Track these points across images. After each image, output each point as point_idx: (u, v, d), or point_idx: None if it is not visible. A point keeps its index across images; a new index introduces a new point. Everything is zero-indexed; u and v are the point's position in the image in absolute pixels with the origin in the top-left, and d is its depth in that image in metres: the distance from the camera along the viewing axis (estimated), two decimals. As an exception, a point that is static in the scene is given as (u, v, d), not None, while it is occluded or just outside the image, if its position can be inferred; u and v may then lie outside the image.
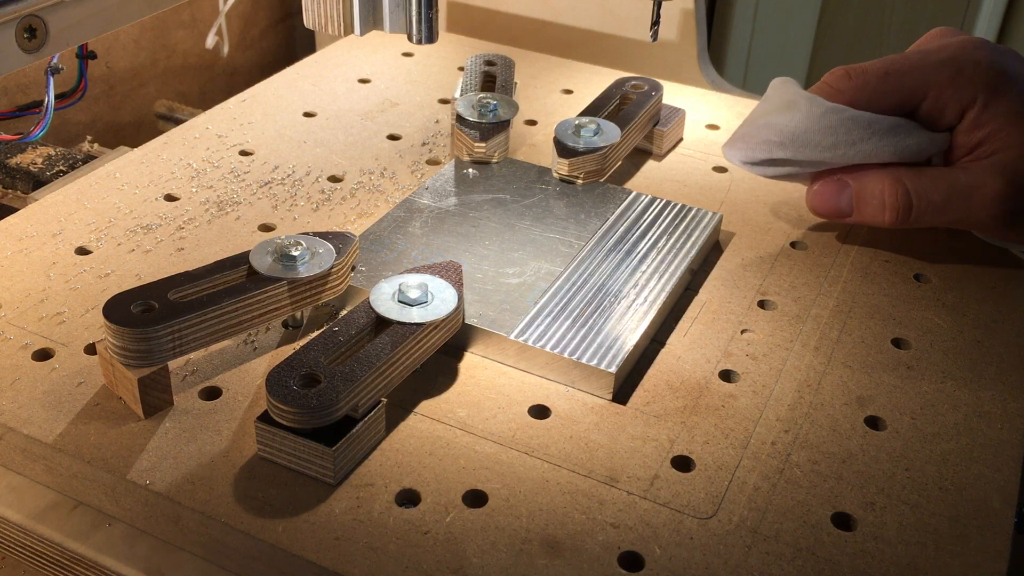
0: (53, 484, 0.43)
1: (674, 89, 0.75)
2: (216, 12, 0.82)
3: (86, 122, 0.86)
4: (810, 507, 0.41)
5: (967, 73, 0.53)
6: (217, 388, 0.46)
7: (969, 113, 0.53)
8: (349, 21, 0.51)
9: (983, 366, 0.49)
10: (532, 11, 0.94)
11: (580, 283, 0.52)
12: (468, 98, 0.64)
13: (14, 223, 0.57)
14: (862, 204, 0.55)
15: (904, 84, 0.54)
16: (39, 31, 0.54)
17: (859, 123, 0.54)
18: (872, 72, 0.54)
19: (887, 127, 0.54)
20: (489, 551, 0.39)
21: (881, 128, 0.54)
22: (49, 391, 0.45)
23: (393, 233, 0.55)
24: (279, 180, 0.62)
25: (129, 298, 0.44)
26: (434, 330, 0.46)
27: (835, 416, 0.46)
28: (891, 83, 0.54)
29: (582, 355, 0.47)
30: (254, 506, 0.40)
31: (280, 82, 0.74)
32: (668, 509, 0.41)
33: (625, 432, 0.45)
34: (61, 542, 0.41)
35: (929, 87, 0.53)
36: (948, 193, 0.53)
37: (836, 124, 0.54)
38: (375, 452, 0.43)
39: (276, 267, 0.47)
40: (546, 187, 0.60)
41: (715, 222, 0.57)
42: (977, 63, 0.53)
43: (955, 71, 0.53)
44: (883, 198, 0.54)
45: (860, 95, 0.54)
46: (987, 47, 0.54)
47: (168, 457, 0.42)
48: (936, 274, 0.56)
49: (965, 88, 0.53)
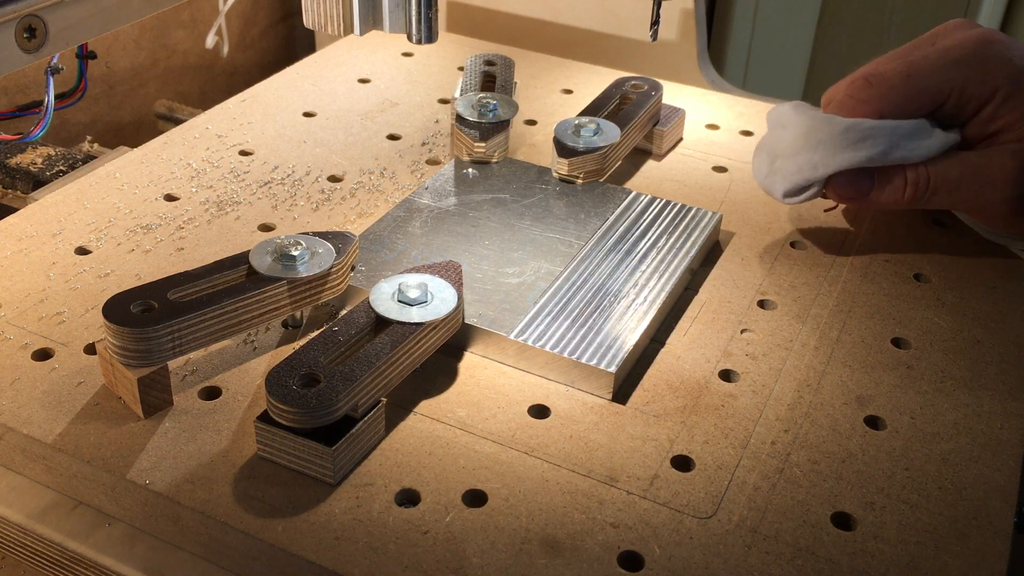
0: (53, 484, 0.43)
1: (674, 89, 0.75)
2: (216, 12, 0.82)
3: (86, 122, 0.86)
4: (810, 507, 0.41)
5: (988, 68, 0.52)
6: (217, 388, 0.46)
7: (987, 107, 0.53)
8: (349, 21, 0.51)
9: (983, 366, 0.49)
10: (532, 11, 0.94)
11: (580, 283, 0.52)
12: (468, 98, 0.64)
13: (14, 223, 0.57)
14: (883, 181, 0.54)
15: (929, 85, 0.53)
16: (39, 31, 0.54)
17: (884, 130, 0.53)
18: (894, 77, 0.53)
19: (910, 130, 0.53)
20: (489, 551, 0.39)
21: (906, 132, 0.53)
22: (49, 391, 0.45)
23: (393, 233, 0.55)
24: (279, 180, 0.62)
25: (129, 298, 0.44)
26: (434, 330, 0.46)
27: (835, 416, 0.46)
28: (914, 85, 0.53)
29: (582, 355, 0.47)
30: (254, 506, 0.40)
31: (280, 82, 0.74)
32: (668, 509, 0.41)
33: (625, 432, 0.45)
34: (61, 542, 0.41)
35: (952, 85, 0.53)
36: (963, 170, 0.53)
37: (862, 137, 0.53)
38: (375, 452, 0.43)
39: (276, 267, 0.47)
40: (546, 187, 0.60)
41: (715, 222, 0.57)
42: (998, 57, 0.53)
43: (976, 67, 0.53)
44: (903, 175, 0.53)
45: (885, 103, 0.53)
46: (1006, 41, 0.54)
47: (168, 457, 0.42)
48: (936, 274, 0.56)
49: (987, 82, 0.52)
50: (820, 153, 0.54)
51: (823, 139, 0.54)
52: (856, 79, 0.55)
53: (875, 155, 0.53)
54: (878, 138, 0.53)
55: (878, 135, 0.53)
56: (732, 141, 0.69)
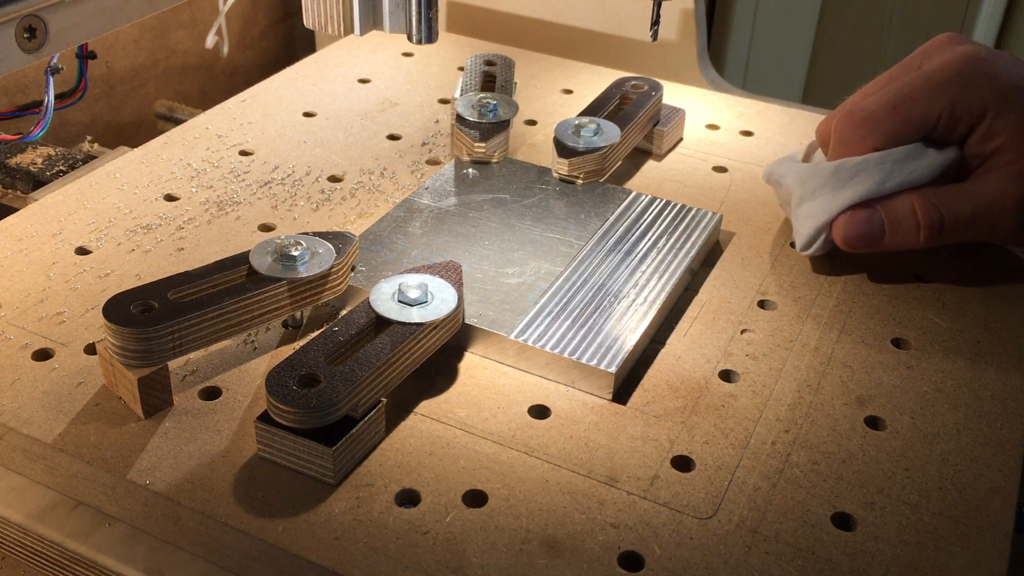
0: (53, 484, 0.43)
1: (674, 89, 0.75)
2: (216, 12, 0.82)
3: (86, 122, 0.86)
4: (810, 507, 0.41)
5: (975, 87, 0.52)
6: (217, 388, 0.46)
7: (980, 126, 0.52)
8: (349, 21, 0.51)
9: (983, 366, 0.49)
10: (532, 11, 0.94)
11: (580, 283, 0.52)
12: (468, 98, 0.64)
13: (14, 223, 0.57)
14: (895, 228, 0.53)
15: (915, 113, 0.52)
16: (39, 31, 0.54)
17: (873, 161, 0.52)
18: (880, 111, 0.52)
19: (903, 155, 0.52)
20: (489, 551, 0.39)
21: (899, 157, 0.52)
22: (49, 391, 0.45)
23: (393, 233, 0.55)
24: (279, 180, 0.62)
25: (129, 298, 0.44)
26: (434, 330, 0.46)
27: (835, 416, 0.46)
28: (901, 115, 0.52)
29: (582, 355, 0.47)
30: (254, 506, 0.40)
31: (280, 82, 0.74)
32: (668, 509, 0.41)
33: (625, 432, 0.45)
34: (61, 542, 0.41)
35: (939, 109, 0.52)
36: (974, 205, 0.52)
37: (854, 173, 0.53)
38: (375, 452, 0.43)
39: (276, 267, 0.47)
40: (546, 187, 0.60)
41: (715, 222, 0.57)
42: (984, 75, 0.52)
43: (963, 87, 0.52)
44: (915, 218, 0.52)
45: (875, 138, 0.53)
46: (991, 58, 0.53)
47: (168, 457, 0.42)
48: (936, 274, 0.56)
49: (975, 102, 0.52)
50: (820, 199, 0.54)
51: (818, 185, 0.54)
52: (840, 118, 0.54)
53: (872, 187, 0.52)
54: (870, 170, 0.52)
55: (869, 167, 0.52)
56: (732, 141, 0.69)
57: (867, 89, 0.55)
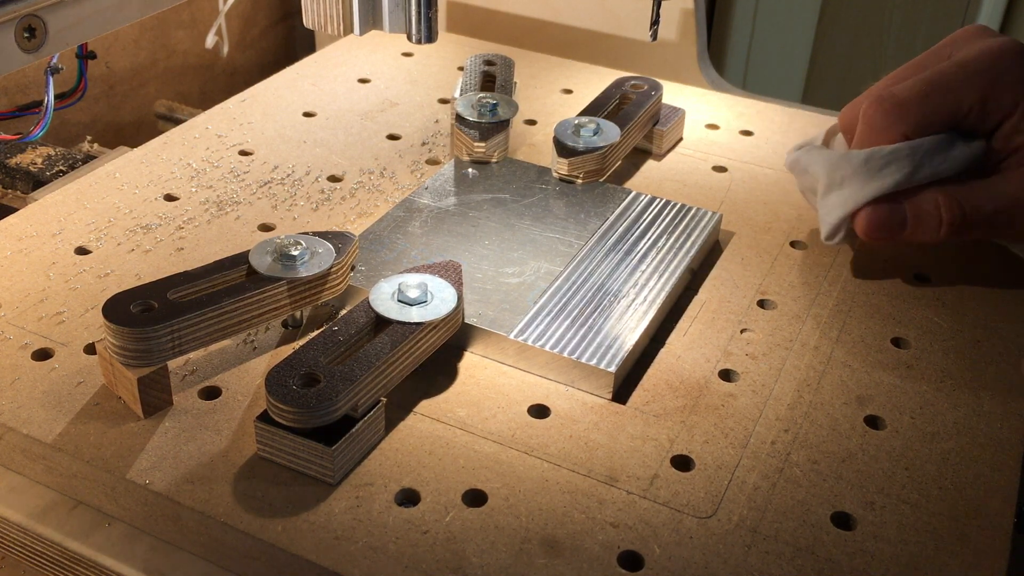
0: (53, 484, 0.43)
1: (674, 89, 0.75)
2: (216, 12, 0.82)
3: (86, 122, 0.86)
4: (810, 507, 0.41)
5: (1007, 80, 0.51)
6: (217, 388, 0.46)
7: (1010, 120, 0.52)
8: (349, 21, 0.51)
9: (983, 366, 0.49)
10: (532, 11, 0.94)
11: (580, 283, 0.52)
12: (468, 98, 0.64)
13: (14, 223, 0.57)
14: (917, 222, 0.52)
15: (947, 102, 0.52)
16: (39, 31, 0.54)
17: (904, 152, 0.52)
18: (911, 99, 0.52)
19: (932, 146, 0.52)
20: (489, 551, 0.39)
21: (928, 148, 0.52)
22: (49, 391, 0.45)
23: (393, 233, 0.55)
24: (279, 180, 0.62)
25: (129, 298, 0.44)
26: (434, 330, 0.46)
27: (835, 416, 0.46)
28: (932, 104, 0.52)
29: (582, 355, 0.47)
30: (254, 506, 0.40)
31: (280, 82, 0.74)
32: (668, 508, 0.41)
33: (625, 432, 0.45)
34: (61, 542, 0.41)
35: (972, 100, 0.51)
36: (996, 204, 0.52)
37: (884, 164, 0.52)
38: (375, 452, 0.43)
39: (276, 267, 0.47)
40: (546, 187, 0.60)
41: (715, 222, 0.57)
42: (1018, 69, 0.51)
43: (994, 79, 0.51)
44: (939, 214, 0.52)
45: (905, 127, 0.52)
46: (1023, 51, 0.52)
47: (167, 457, 0.42)
48: (936, 274, 0.56)
49: (1007, 95, 0.51)
50: (848, 189, 0.53)
51: (847, 175, 0.53)
52: (870, 102, 0.53)
53: (901, 179, 0.52)
54: (901, 161, 0.52)
55: (900, 158, 0.52)
56: (732, 141, 0.69)
57: (895, 75, 0.55)
